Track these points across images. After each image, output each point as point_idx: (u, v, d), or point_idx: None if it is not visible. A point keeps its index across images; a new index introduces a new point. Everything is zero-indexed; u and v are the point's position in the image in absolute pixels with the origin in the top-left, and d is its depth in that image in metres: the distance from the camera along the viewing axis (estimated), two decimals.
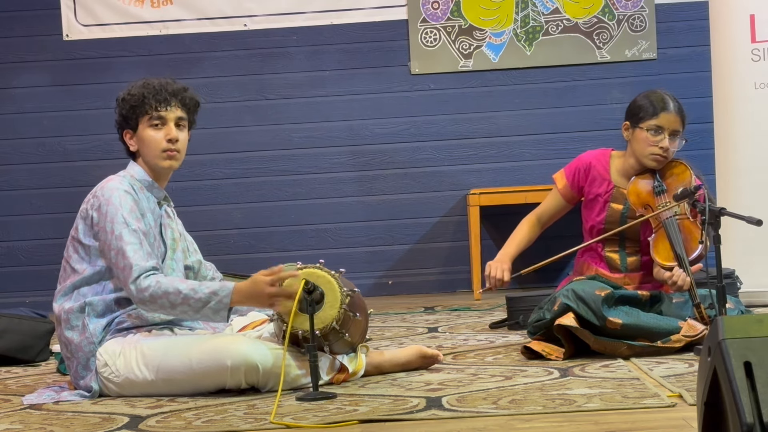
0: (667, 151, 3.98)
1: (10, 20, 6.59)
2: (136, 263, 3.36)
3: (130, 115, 3.54)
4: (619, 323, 3.68)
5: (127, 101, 3.55)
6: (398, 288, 6.61)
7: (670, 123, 3.98)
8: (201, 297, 3.32)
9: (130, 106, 3.53)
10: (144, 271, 3.35)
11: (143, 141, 3.54)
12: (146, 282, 3.34)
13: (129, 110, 3.54)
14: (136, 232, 3.40)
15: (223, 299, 3.32)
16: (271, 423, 2.90)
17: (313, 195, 6.64)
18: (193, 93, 3.62)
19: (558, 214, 4.24)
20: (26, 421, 3.14)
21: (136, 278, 3.34)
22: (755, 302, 4.88)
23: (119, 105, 3.58)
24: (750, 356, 1.91)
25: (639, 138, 4.01)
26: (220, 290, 3.33)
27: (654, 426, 2.67)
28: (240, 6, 6.59)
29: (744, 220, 3.63)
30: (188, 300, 3.32)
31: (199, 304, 3.32)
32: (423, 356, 3.64)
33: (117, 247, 3.38)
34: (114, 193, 3.44)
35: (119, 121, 3.59)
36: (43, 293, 5.38)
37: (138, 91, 3.54)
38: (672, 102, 4.01)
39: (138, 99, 3.53)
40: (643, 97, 4.05)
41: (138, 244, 3.39)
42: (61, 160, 6.60)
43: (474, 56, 6.56)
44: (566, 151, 6.42)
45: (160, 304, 3.35)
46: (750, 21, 5.15)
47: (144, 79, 3.59)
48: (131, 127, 3.56)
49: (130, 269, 3.35)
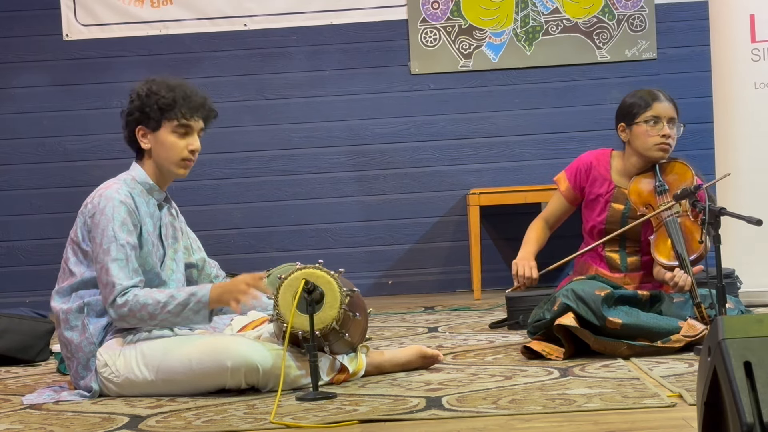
0: (669, 138, 4.00)
1: (10, 20, 6.59)
2: (118, 282, 3.35)
3: (155, 114, 3.45)
4: (619, 323, 3.68)
5: (154, 100, 3.45)
6: (398, 288, 6.61)
7: (665, 111, 4.01)
8: (180, 301, 3.33)
9: (158, 107, 3.45)
10: (123, 289, 3.35)
11: (163, 144, 3.48)
12: (123, 298, 3.34)
13: (156, 110, 3.45)
14: (123, 247, 3.38)
15: (202, 298, 3.33)
16: (271, 423, 2.90)
17: (313, 195, 6.64)
18: (212, 104, 3.58)
19: (563, 216, 4.24)
20: (26, 421, 3.14)
21: (114, 298, 3.34)
22: (755, 302, 4.88)
23: (140, 100, 3.47)
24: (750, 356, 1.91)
25: (638, 133, 4.02)
26: (198, 291, 3.35)
27: (654, 426, 2.67)
28: (240, 6, 6.59)
29: (744, 220, 3.63)
30: (167, 306, 3.33)
31: (178, 308, 3.33)
32: (423, 356, 3.64)
33: (103, 261, 3.37)
34: (108, 203, 3.41)
35: (137, 116, 3.48)
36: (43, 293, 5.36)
37: (167, 94, 3.45)
38: (661, 93, 4.05)
39: (169, 102, 3.44)
40: (630, 96, 4.09)
41: (124, 261, 3.38)
42: (61, 160, 6.60)
43: (474, 56, 6.56)
44: (566, 151, 6.42)
45: (139, 318, 3.35)
46: (750, 21, 5.15)
47: (164, 78, 3.52)
48: (151, 127, 3.48)
49: (112, 287, 3.35)
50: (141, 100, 3.48)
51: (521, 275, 3.97)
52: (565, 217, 4.26)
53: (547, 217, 4.23)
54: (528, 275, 3.96)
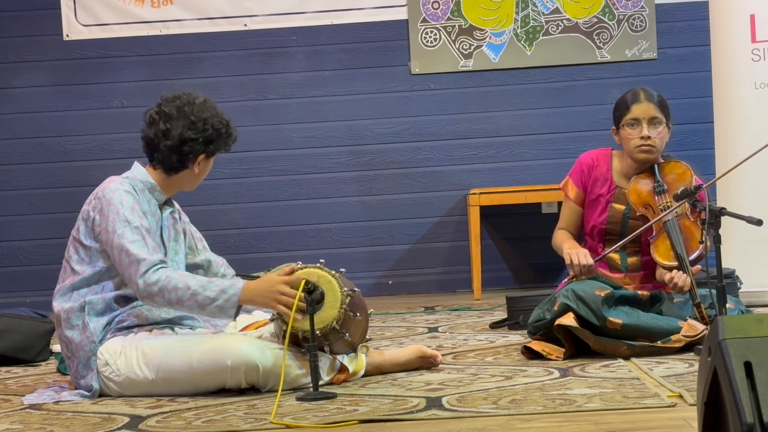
0: (649, 139, 3.98)
1: (10, 20, 6.59)
2: (143, 257, 3.34)
3: (216, 147, 3.55)
4: (619, 323, 3.68)
5: (220, 133, 3.54)
6: (398, 288, 6.61)
7: (643, 111, 3.99)
8: (209, 294, 3.32)
9: (222, 140, 3.56)
10: (152, 264, 3.34)
11: (204, 171, 3.58)
12: (155, 276, 3.32)
13: (219, 141, 3.55)
14: (138, 229, 3.39)
15: (232, 297, 3.32)
16: (271, 423, 2.90)
17: (313, 195, 6.64)
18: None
19: (580, 221, 4.18)
20: (26, 421, 3.15)
21: (144, 272, 3.32)
22: (755, 302, 4.88)
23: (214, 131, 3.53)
24: (750, 356, 1.91)
25: (624, 137, 4.04)
26: (230, 288, 3.33)
27: (654, 426, 2.67)
28: (240, 6, 6.59)
29: (744, 220, 3.63)
30: (196, 296, 3.31)
31: (207, 300, 3.32)
32: (423, 356, 3.64)
33: (120, 245, 3.37)
34: (115, 194, 3.44)
35: (209, 148, 3.54)
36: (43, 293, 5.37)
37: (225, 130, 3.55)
38: (643, 93, 4.02)
39: (224, 135, 3.55)
40: (618, 98, 4.09)
41: (141, 241, 3.38)
42: (61, 160, 6.60)
43: (474, 56, 6.56)
44: (566, 151, 6.42)
45: (167, 300, 3.33)
46: (750, 21, 5.15)
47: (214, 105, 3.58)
48: (211, 153, 3.56)
49: (138, 264, 3.34)
50: (215, 131, 3.53)
51: (577, 263, 3.92)
52: (581, 222, 4.21)
53: (566, 226, 4.17)
54: (584, 263, 3.91)
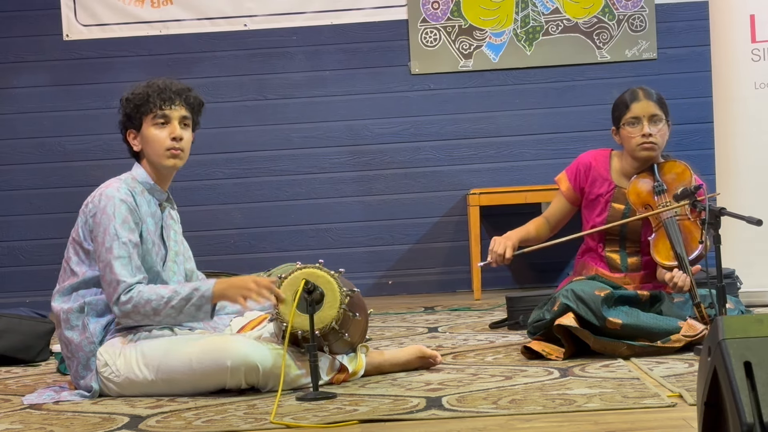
0: (651, 137, 3.99)
1: (10, 20, 6.59)
2: (122, 279, 3.37)
3: (134, 114, 3.52)
4: (619, 323, 3.68)
5: (131, 101, 3.53)
6: (398, 288, 6.61)
7: (643, 110, 4.00)
8: (183, 296, 3.34)
9: (134, 105, 3.52)
10: (128, 287, 3.37)
11: (147, 140, 3.52)
12: (127, 296, 3.36)
13: (133, 109, 3.52)
14: (126, 245, 3.40)
15: (205, 293, 3.34)
16: (271, 423, 2.90)
17: (313, 195, 6.64)
18: (197, 93, 3.62)
19: (565, 217, 4.22)
20: (26, 421, 3.14)
21: (118, 296, 3.36)
22: (755, 302, 4.88)
23: (123, 105, 3.56)
24: (750, 356, 1.91)
25: (624, 136, 4.05)
26: (202, 285, 3.37)
27: (654, 426, 2.67)
28: (240, 6, 6.59)
29: (744, 220, 3.63)
30: (170, 302, 3.34)
31: (181, 302, 3.34)
32: (423, 356, 3.64)
33: (106, 260, 3.39)
34: (109, 202, 3.43)
35: (123, 120, 3.57)
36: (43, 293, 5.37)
37: (142, 91, 3.53)
38: (641, 91, 4.04)
39: (142, 98, 3.51)
40: (617, 98, 4.10)
41: (127, 258, 3.39)
42: (61, 160, 6.60)
43: (474, 56, 6.56)
44: (566, 151, 6.42)
45: (143, 313, 3.36)
46: (750, 21, 5.15)
47: (147, 80, 3.59)
48: (135, 127, 3.54)
49: (116, 285, 3.37)
50: (123, 105, 3.56)
51: (494, 251, 3.99)
52: (567, 219, 4.25)
53: (548, 216, 4.23)
54: (500, 252, 3.98)
